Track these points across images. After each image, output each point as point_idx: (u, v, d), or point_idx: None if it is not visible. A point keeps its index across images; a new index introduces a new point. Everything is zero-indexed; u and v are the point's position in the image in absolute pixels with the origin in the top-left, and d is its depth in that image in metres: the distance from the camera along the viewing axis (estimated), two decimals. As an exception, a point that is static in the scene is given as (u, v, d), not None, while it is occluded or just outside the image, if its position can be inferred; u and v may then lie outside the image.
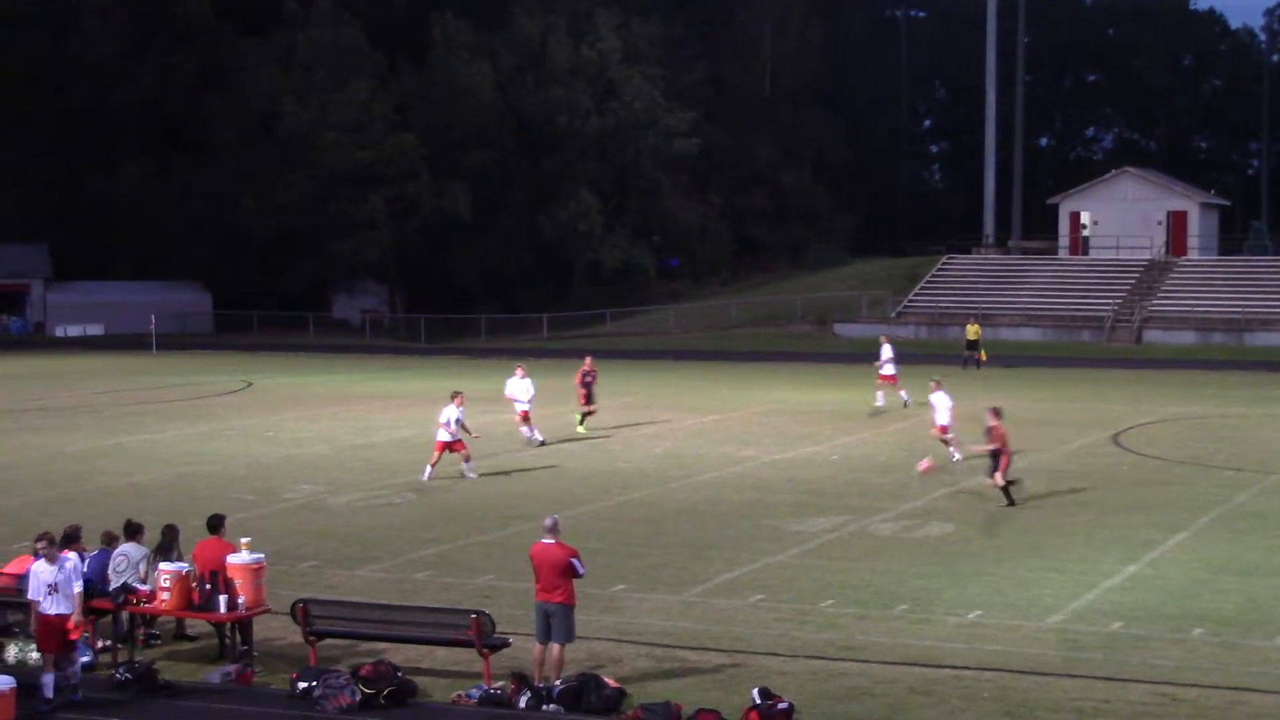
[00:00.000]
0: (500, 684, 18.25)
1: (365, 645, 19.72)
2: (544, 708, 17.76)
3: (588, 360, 43.80)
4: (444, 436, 34.16)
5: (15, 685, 17.51)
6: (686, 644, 20.63)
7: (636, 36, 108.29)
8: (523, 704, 17.84)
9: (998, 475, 30.98)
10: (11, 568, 20.79)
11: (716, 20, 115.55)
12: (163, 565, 19.92)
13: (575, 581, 18.72)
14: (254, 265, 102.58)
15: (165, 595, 19.68)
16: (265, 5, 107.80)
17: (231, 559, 19.79)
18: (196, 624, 20.85)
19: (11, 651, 19.30)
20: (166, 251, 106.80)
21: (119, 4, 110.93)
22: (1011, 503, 30.79)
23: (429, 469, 34.24)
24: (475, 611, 18.81)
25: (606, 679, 18.25)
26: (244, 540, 20.23)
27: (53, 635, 18.07)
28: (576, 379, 43.43)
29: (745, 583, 24.26)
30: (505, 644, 19.00)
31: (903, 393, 48.80)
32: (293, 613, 19.49)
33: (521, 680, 18.13)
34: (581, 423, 43.05)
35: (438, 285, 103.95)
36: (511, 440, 40.99)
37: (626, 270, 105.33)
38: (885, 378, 49.61)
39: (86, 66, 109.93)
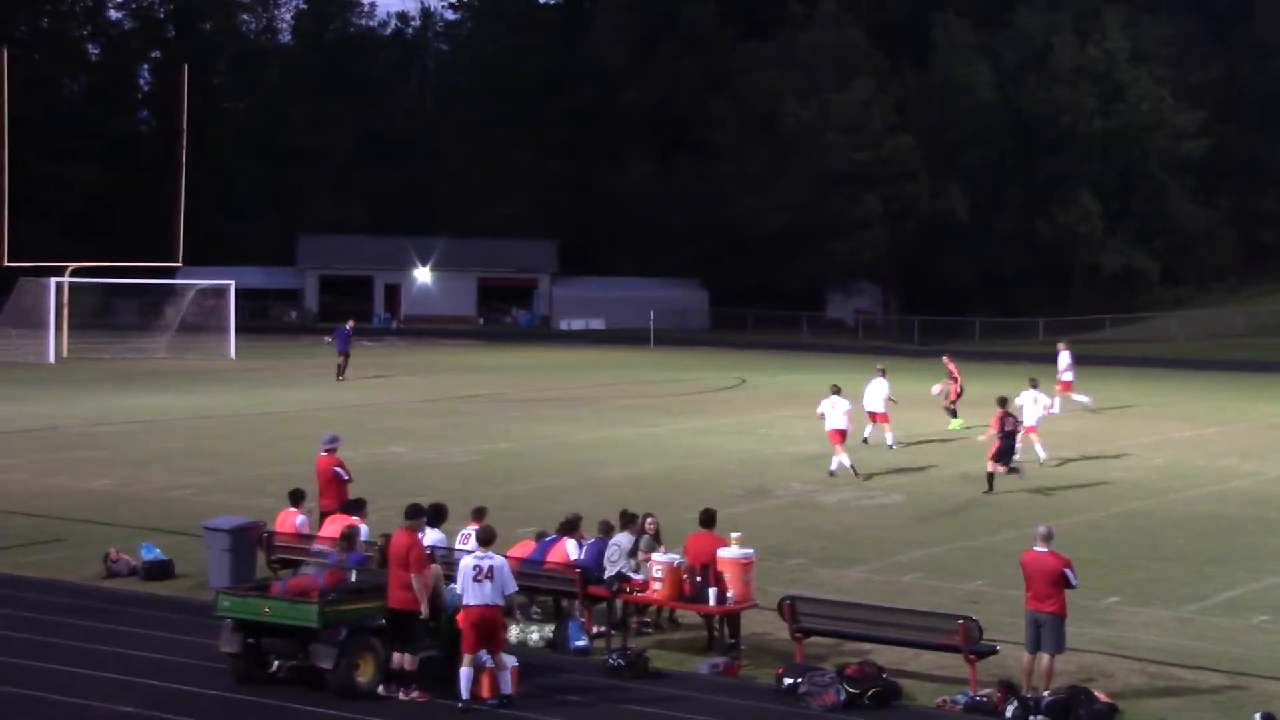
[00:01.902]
0: (987, 691, 17.97)
1: (851, 645, 19.70)
2: (1031, 719, 17.39)
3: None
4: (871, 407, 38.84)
5: (516, 664, 18.20)
6: (1182, 662, 19.87)
7: (1146, 35, 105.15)
8: (1010, 713, 17.48)
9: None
10: (517, 550, 21.60)
11: (1232, 17, 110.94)
12: (655, 556, 20.37)
13: (1068, 592, 18.30)
14: (751, 264, 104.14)
15: (657, 585, 20.13)
16: (768, 8, 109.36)
17: (722, 553, 20.08)
18: (687, 615, 21.25)
19: (512, 631, 20.04)
20: (667, 249, 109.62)
21: (629, 8, 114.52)
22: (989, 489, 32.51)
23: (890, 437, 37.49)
24: (963, 617, 18.55)
25: (1097, 693, 17.76)
26: (735, 535, 20.50)
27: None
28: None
29: (1248, 602, 23.23)
30: (993, 651, 18.68)
31: (1080, 397, 47.61)
32: (780, 609, 19.63)
33: (1009, 689, 17.80)
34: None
35: (932, 287, 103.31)
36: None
37: (1128, 275, 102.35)
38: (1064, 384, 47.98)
39: (597, 69, 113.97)
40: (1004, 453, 32.77)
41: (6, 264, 68.07)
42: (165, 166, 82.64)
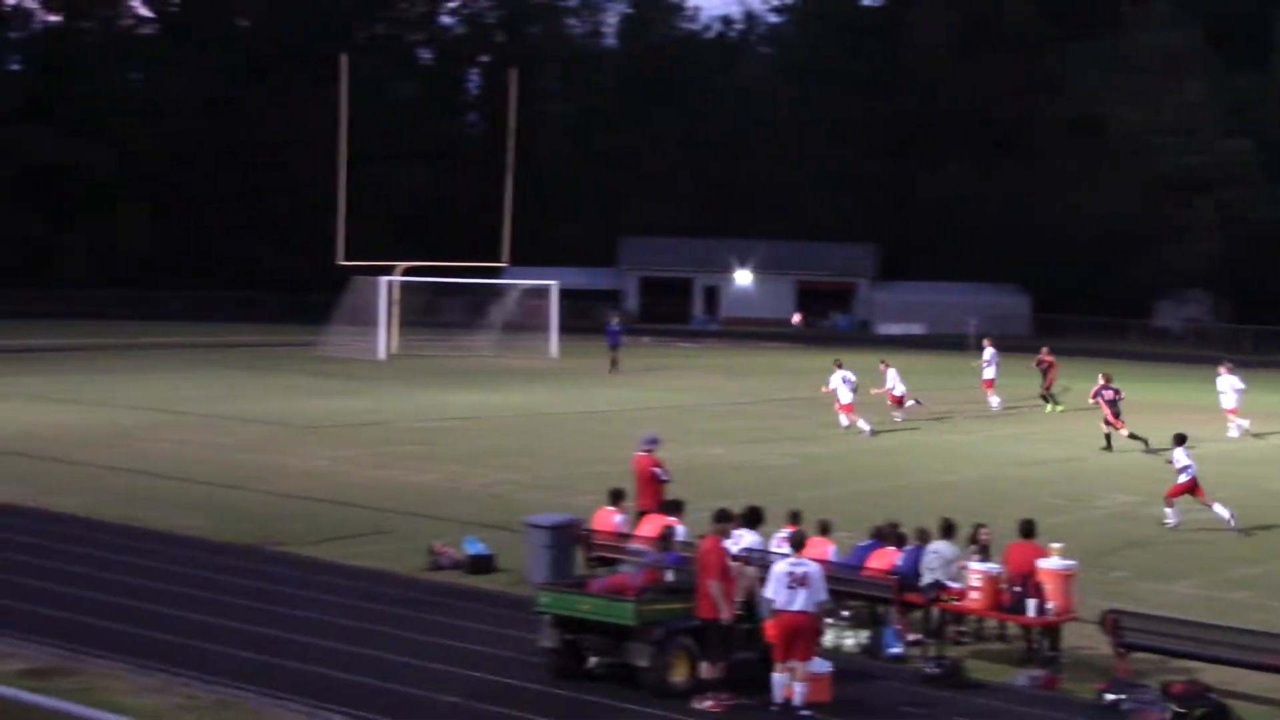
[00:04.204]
0: (1321, 717, 17.31)
1: (1176, 662, 19.14)
2: (1366, 747, 16.69)
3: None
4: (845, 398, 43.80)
5: (830, 669, 18.13)
6: None
7: None
8: (1342, 740, 16.84)
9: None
10: (813, 551, 21.46)
11: None
12: (973, 565, 20.10)
13: None
14: (1075, 270, 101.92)
15: (975, 595, 19.86)
16: (1095, 8, 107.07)
17: (1043, 563, 19.73)
18: (1007, 626, 20.91)
19: (828, 636, 19.96)
20: (987, 253, 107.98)
21: (952, 10, 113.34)
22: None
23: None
24: (1297, 638, 17.91)
25: None
26: (1056, 546, 20.12)
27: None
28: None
29: None
30: (1328, 675, 17.97)
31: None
32: (1102, 622, 19.19)
33: (1344, 715, 17.12)
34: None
35: (1268, 295, 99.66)
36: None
37: None
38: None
39: (918, 70, 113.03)
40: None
41: (341, 263, 70.46)
42: (492, 168, 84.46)
